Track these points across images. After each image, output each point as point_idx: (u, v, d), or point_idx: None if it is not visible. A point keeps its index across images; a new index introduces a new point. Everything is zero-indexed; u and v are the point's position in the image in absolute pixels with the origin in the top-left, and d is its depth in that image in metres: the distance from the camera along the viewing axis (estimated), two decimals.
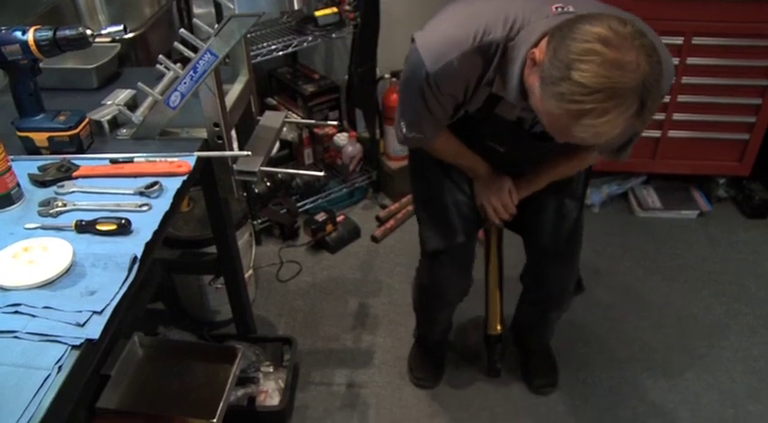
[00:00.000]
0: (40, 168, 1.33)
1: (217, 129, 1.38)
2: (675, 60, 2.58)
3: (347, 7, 2.60)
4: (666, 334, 2.34)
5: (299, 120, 2.77)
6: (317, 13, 2.55)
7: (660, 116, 2.73)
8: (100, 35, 1.31)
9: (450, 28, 1.35)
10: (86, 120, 1.43)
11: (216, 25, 1.36)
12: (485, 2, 1.36)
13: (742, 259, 2.68)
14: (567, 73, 1.08)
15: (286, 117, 1.65)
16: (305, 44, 2.59)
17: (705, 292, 2.53)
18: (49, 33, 1.28)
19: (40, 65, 1.37)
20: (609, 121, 1.09)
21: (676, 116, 2.74)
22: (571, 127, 1.13)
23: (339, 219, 2.80)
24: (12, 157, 1.26)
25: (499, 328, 2.03)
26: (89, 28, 1.31)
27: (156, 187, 1.26)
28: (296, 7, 1.12)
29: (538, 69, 1.17)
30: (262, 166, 1.45)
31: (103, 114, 1.49)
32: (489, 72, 1.34)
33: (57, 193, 1.28)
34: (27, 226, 1.20)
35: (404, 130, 1.55)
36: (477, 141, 1.65)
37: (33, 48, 1.28)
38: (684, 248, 2.75)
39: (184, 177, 1.31)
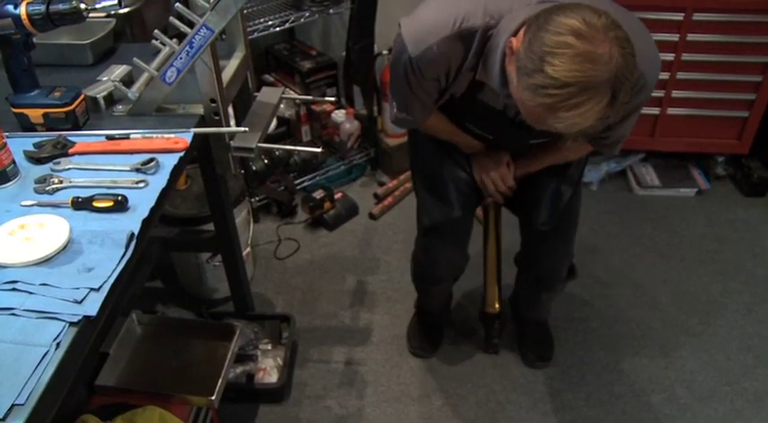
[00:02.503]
0: (35, 145, 1.32)
1: (213, 105, 1.37)
2: (675, 37, 2.57)
3: None
4: (663, 312, 2.35)
5: (297, 96, 2.76)
6: None
7: (659, 93, 2.71)
8: (94, 10, 1.31)
9: (432, 13, 1.37)
10: (82, 96, 1.41)
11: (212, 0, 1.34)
12: None
13: (739, 238, 2.68)
14: (541, 65, 1.09)
15: (283, 93, 1.64)
16: (302, 20, 2.57)
17: (702, 270, 2.53)
18: (42, 7, 1.27)
19: (34, 40, 1.35)
20: (582, 113, 1.10)
21: (675, 93, 2.72)
22: (546, 118, 1.15)
23: (337, 196, 2.79)
24: (7, 133, 1.25)
25: (497, 305, 2.04)
26: (83, 2, 1.29)
27: (152, 164, 1.25)
28: None
29: (515, 59, 1.18)
30: (259, 142, 1.44)
31: (99, 90, 1.48)
32: (470, 58, 1.35)
33: (53, 170, 1.27)
34: (23, 203, 1.19)
35: (395, 110, 1.58)
36: (466, 129, 1.66)
37: (26, 22, 1.26)
38: (682, 226, 2.75)
39: (181, 154, 1.30)
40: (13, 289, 1.01)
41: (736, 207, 2.85)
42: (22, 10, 1.26)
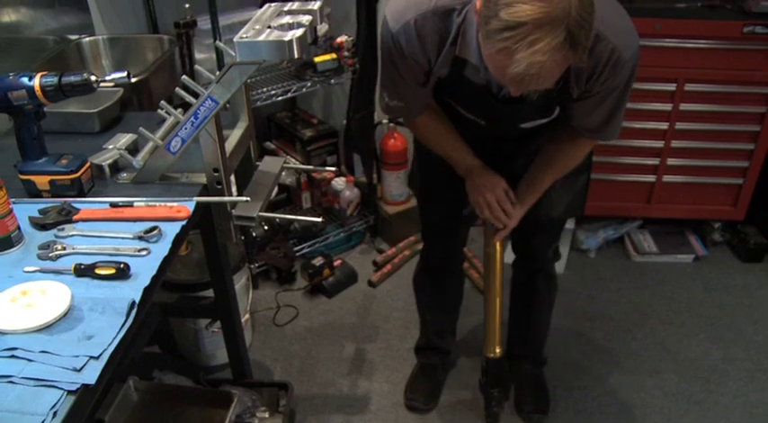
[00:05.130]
0: (40, 211, 1.34)
1: (216, 174, 1.40)
2: (668, 106, 2.64)
3: (346, 53, 2.64)
4: (664, 379, 2.33)
5: (298, 165, 2.80)
6: (317, 59, 2.59)
7: (654, 161, 2.77)
8: (104, 81, 1.34)
9: None
10: (88, 164, 1.44)
11: (217, 71, 1.39)
12: None
13: (738, 304, 2.68)
14: (496, 11, 1.14)
15: (285, 163, 1.67)
16: (304, 90, 2.63)
17: (702, 336, 2.52)
18: (55, 79, 1.31)
19: (45, 109, 1.39)
20: (538, 50, 1.13)
21: (670, 161, 2.77)
22: (508, 66, 1.17)
23: (336, 263, 2.80)
24: (13, 200, 1.27)
25: (498, 350, 1.98)
26: (93, 74, 1.33)
27: (155, 232, 1.27)
28: (296, 55, 1.15)
29: (479, 16, 1.22)
30: (260, 211, 1.46)
31: (105, 158, 1.50)
32: (451, 35, 1.42)
33: (56, 237, 1.29)
34: (26, 269, 1.20)
35: (386, 98, 1.64)
36: (458, 115, 1.68)
37: (39, 93, 1.31)
38: (681, 293, 2.75)
39: (183, 222, 1.32)
40: (12, 356, 1.01)
41: (734, 273, 2.85)
42: (36, 82, 1.30)
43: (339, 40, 2.64)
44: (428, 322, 2.29)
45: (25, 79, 1.31)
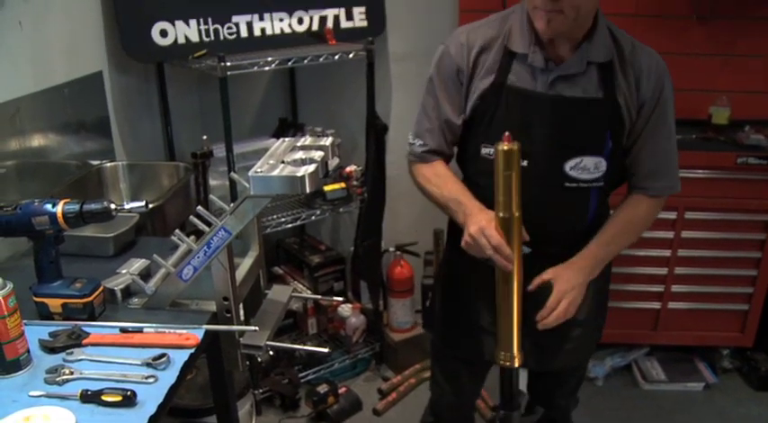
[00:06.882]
0: (50, 334, 1.35)
1: (226, 303, 1.41)
2: (670, 234, 2.69)
3: (355, 182, 2.73)
4: None
5: (306, 295, 2.82)
6: (326, 188, 2.68)
7: (659, 288, 2.78)
8: (123, 210, 1.39)
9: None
10: (101, 288, 1.47)
11: (229, 197, 1.43)
12: None
13: None
14: None
15: (293, 292, 1.69)
16: (313, 217, 2.69)
17: None
18: (77, 207, 1.36)
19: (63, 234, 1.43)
20: None
21: (675, 288, 2.79)
22: None
23: (341, 390, 2.76)
24: (25, 321, 1.28)
25: (517, 355, 1.59)
26: (113, 202, 1.38)
27: (163, 359, 1.27)
28: (308, 190, 1.20)
29: None
30: (268, 340, 1.47)
31: (117, 283, 1.53)
32: (501, 36, 1.57)
33: (65, 360, 1.29)
34: (31, 393, 1.20)
35: (411, 138, 1.71)
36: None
37: (61, 220, 1.36)
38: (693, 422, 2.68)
39: (192, 350, 1.32)
40: None
41: (748, 402, 2.78)
42: (59, 209, 1.36)
43: (348, 169, 2.73)
44: None
45: (49, 206, 1.36)
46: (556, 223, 1.63)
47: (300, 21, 2.69)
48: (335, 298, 2.03)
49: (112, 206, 1.38)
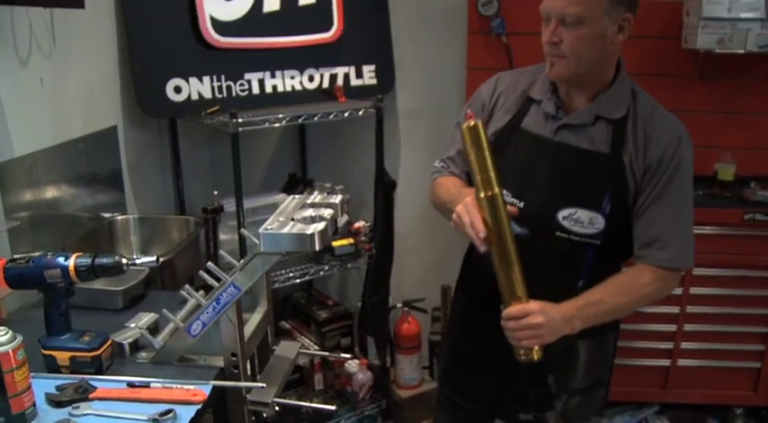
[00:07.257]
0: (57, 388, 1.35)
1: (234, 358, 1.41)
2: (679, 290, 2.66)
3: (363, 238, 2.74)
4: None
5: (314, 352, 2.80)
6: (334, 244, 2.69)
7: (668, 345, 2.76)
8: (134, 264, 1.40)
9: None
10: (109, 342, 1.47)
11: (239, 254, 1.44)
12: None
13: None
14: None
15: (301, 348, 1.68)
16: (321, 273, 2.70)
17: None
18: (89, 261, 1.37)
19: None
20: None
21: (684, 345, 2.76)
22: None
23: None
24: (32, 374, 1.27)
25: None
26: (124, 257, 1.40)
27: (170, 415, 1.26)
28: (317, 248, 1.22)
29: None
30: (275, 396, 1.46)
31: (126, 337, 1.53)
32: (526, 81, 1.67)
33: (71, 414, 1.28)
34: None
35: (436, 162, 1.82)
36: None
37: (72, 273, 1.37)
38: None
39: (199, 406, 1.31)
40: None
41: None
42: (71, 262, 1.37)
43: (356, 225, 2.75)
44: None
45: (61, 259, 1.37)
46: (544, 273, 1.55)
47: (311, 78, 2.75)
48: (343, 354, 2.02)
49: (124, 261, 1.39)
